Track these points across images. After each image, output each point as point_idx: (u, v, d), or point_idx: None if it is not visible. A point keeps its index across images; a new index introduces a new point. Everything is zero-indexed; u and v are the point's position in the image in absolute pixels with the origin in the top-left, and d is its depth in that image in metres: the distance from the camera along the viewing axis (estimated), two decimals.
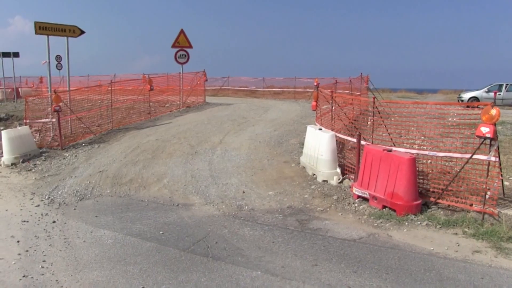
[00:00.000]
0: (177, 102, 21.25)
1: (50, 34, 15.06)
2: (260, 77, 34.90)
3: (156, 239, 6.47)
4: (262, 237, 6.50)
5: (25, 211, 8.02)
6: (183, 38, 21.25)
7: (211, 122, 15.65)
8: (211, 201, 8.24)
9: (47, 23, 14.98)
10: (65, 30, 15.55)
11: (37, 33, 14.72)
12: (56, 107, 13.01)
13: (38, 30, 14.72)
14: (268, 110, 19.84)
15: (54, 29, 15.20)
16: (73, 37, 15.85)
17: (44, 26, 14.85)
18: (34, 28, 14.65)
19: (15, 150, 12.06)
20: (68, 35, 15.59)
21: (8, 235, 6.79)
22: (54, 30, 15.20)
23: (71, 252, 6.08)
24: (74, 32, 15.88)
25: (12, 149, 12.01)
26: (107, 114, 16.20)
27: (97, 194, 8.98)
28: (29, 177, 10.63)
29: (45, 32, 14.91)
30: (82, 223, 7.27)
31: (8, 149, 12.02)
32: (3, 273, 5.46)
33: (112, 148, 12.46)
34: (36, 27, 14.67)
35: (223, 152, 11.18)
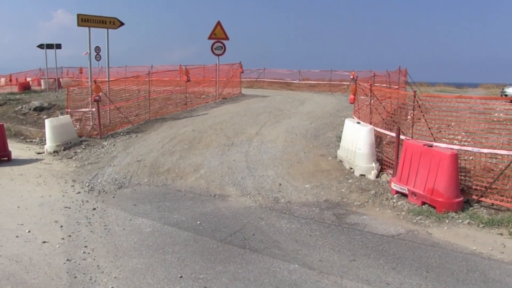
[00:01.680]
0: (213, 93, 21.33)
1: (91, 26, 15.38)
2: (296, 70, 34.71)
3: (193, 229, 6.53)
4: (299, 230, 6.47)
5: (67, 197, 8.24)
6: (219, 30, 21.30)
7: (247, 113, 15.65)
8: (247, 193, 8.25)
9: (89, 15, 15.28)
10: (105, 22, 15.83)
11: (79, 25, 15.04)
12: (96, 97, 13.27)
13: (80, 22, 15.05)
14: (304, 102, 19.71)
15: (95, 21, 15.51)
16: (113, 28, 16.13)
17: (86, 18, 15.17)
18: (76, 20, 15.01)
19: (57, 138, 12.40)
20: (108, 26, 15.88)
21: (52, 220, 6.99)
22: (95, 22, 15.51)
23: (111, 239, 6.20)
24: (114, 24, 16.15)
25: (54, 137, 12.35)
26: (145, 105, 16.42)
27: (135, 183, 9.12)
28: (70, 165, 10.90)
29: (87, 24, 15.23)
30: (121, 211, 7.41)
31: (50, 137, 12.36)
32: (49, 256, 5.65)
33: (149, 138, 12.63)
34: (79, 19, 15.00)
35: (260, 144, 11.18)
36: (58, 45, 32.22)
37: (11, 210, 7.55)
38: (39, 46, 32.04)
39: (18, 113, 19.51)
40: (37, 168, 10.70)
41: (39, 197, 8.35)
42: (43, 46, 31.73)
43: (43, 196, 8.37)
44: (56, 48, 31.96)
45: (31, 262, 5.48)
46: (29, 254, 5.72)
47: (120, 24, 16.35)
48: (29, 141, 14.91)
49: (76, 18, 15.06)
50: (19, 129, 16.57)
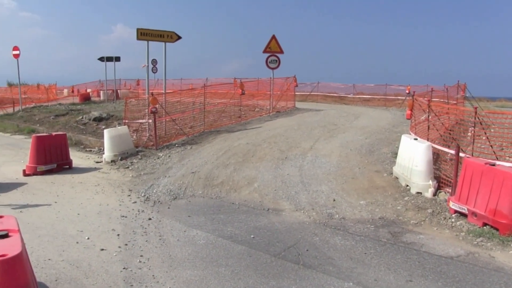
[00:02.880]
0: (267, 106, 21.42)
1: (149, 40, 15.80)
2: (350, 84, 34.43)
3: (247, 243, 6.53)
4: (353, 247, 6.35)
5: (124, 207, 8.44)
6: (274, 44, 21.43)
7: (301, 127, 15.61)
8: (301, 208, 8.19)
9: (148, 30, 15.70)
10: (163, 35, 16.22)
11: (138, 39, 15.48)
12: (153, 109, 13.59)
13: (139, 36, 15.49)
14: (359, 117, 19.47)
15: (153, 35, 15.93)
16: (170, 42, 16.51)
17: (145, 32, 15.59)
18: (136, 34, 15.43)
19: (114, 148, 12.76)
20: (165, 40, 16.26)
21: (110, 228, 7.18)
22: (153, 36, 15.92)
23: (165, 250, 6.28)
24: (172, 38, 16.52)
25: (112, 147, 12.73)
26: (199, 117, 16.67)
27: (190, 194, 9.24)
28: (127, 174, 11.18)
29: (146, 38, 15.66)
30: (175, 222, 7.51)
31: (109, 147, 12.75)
32: (107, 263, 5.80)
33: (204, 150, 12.79)
34: (138, 34, 15.44)
35: (314, 159, 11.10)
36: (117, 58, 33.40)
37: (72, 217, 7.82)
38: (99, 59, 33.31)
39: (79, 123, 20.26)
40: (95, 177, 11.04)
41: (97, 205, 8.61)
42: (103, 59, 32.97)
43: (101, 204, 8.62)
44: (115, 61, 33.14)
45: (90, 268, 5.64)
46: (88, 260, 5.89)
47: (177, 37, 16.71)
48: (88, 150, 15.41)
49: (136, 32, 15.50)
50: (80, 138, 17.16)
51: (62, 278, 5.35)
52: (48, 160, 11.54)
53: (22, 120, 24.37)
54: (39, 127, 21.62)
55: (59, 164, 11.79)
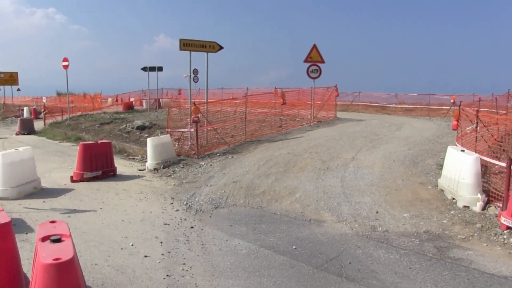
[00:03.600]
0: (308, 116, 21.37)
1: (192, 50, 16.04)
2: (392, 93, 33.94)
3: (289, 254, 6.50)
4: (397, 261, 6.22)
5: (166, 215, 8.56)
6: (315, 53, 21.40)
7: (342, 138, 15.49)
8: (343, 219, 8.10)
9: (190, 40, 15.96)
10: (205, 46, 16.46)
11: (181, 49, 15.74)
12: (195, 118, 13.78)
13: (182, 47, 15.75)
14: (401, 127, 19.16)
15: (196, 45, 16.17)
16: (212, 52, 16.73)
17: (187, 43, 15.85)
18: (179, 44, 15.70)
19: (157, 156, 12.98)
20: (208, 50, 16.50)
21: (153, 235, 7.29)
22: (196, 46, 16.17)
23: (208, 258, 6.33)
24: (214, 48, 16.74)
25: (155, 156, 12.95)
26: (241, 126, 16.79)
27: (231, 203, 9.29)
28: (169, 183, 11.34)
29: (188, 48, 15.91)
30: (217, 231, 7.55)
31: (151, 155, 12.98)
32: (151, 270, 5.89)
33: (245, 159, 12.85)
34: (181, 44, 15.70)
35: (356, 169, 10.98)
36: (160, 67, 34.04)
37: (117, 223, 7.99)
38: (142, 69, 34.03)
39: (122, 131, 20.71)
40: (139, 185, 11.25)
41: (141, 212, 8.76)
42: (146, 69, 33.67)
43: (144, 212, 8.77)
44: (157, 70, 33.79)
45: (134, 274, 5.74)
46: (133, 266, 6.00)
47: (219, 48, 16.92)
48: (131, 158, 15.72)
49: (179, 43, 15.78)
50: (123, 146, 17.54)
51: (108, 283, 5.47)
52: (94, 167, 11.84)
53: (69, 128, 25.13)
54: (85, 135, 22.23)
55: (104, 171, 12.07)
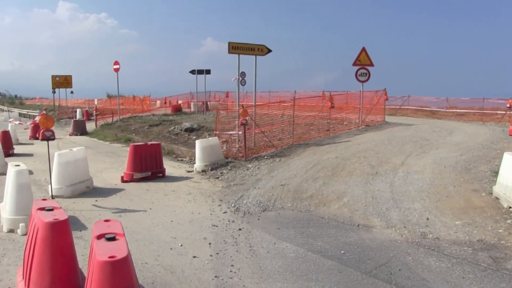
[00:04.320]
0: (356, 120, 21.13)
1: (240, 53, 16.17)
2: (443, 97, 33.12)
3: (337, 258, 6.44)
4: (449, 270, 6.05)
5: (214, 216, 8.65)
6: (364, 56, 21.13)
7: (391, 142, 15.22)
8: (392, 225, 7.95)
9: (239, 43, 16.08)
10: (254, 49, 16.54)
11: (230, 52, 15.89)
12: (243, 121, 13.87)
13: (231, 50, 15.89)
14: (453, 132, 18.66)
15: (244, 48, 16.29)
16: (261, 55, 16.79)
17: (236, 46, 15.98)
18: (227, 48, 15.84)
19: (205, 158, 13.15)
20: (256, 53, 16.57)
21: (201, 236, 7.38)
22: (244, 50, 16.28)
23: (256, 261, 6.35)
24: (262, 51, 16.81)
25: (203, 157, 13.12)
26: (288, 129, 16.78)
27: (279, 206, 9.28)
28: (217, 184, 11.46)
29: (237, 51, 16.04)
30: (265, 234, 7.57)
31: (200, 157, 13.16)
32: (199, 270, 5.96)
33: (292, 162, 12.83)
34: (230, 47, 15.85)
35: (405, 175, 10.76)
36: (208, 70, 34.50)
37: (166, 224, 8.14)
38: (191, 71, 34.58)
39: (171, 133, 21.09)
40: (187, 186, 11.42)
41: (189, 213, 8.89)
42: (194, 72, 34.18)
43: (193, 213, 8.89)
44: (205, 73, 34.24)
45: (183, 274, 5.83)
46: (182, 266, 6.09)
47: (267, 51, 16.98)
48: (180, 159, 15.98)
49: (228, 46, 15.93)
50: (172, 148, 17.86)
51: (158, 281, 5.57)
52: (144, 168, 12.10)
53: (119, 130, 25.82)
54: (134, 136, 22.77)
55: (153, 172, 12.33)
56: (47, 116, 9.72)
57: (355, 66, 20.99)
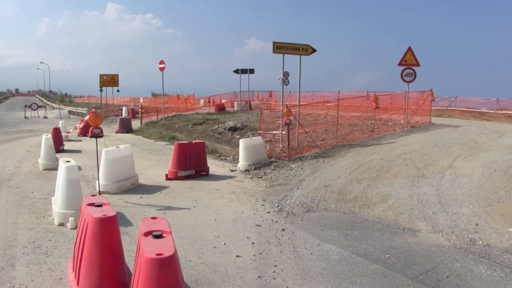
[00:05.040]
0: (401, 121, 20.73)
1: (285, 53, 16.12)
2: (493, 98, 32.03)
3: (382, 262, 6.32)
4: (502, 280, 5.83)
5: (258, 216, 8.66)
6: (410, 56, 20.67)
7: (438, 144, 14.83)
8: (439, 230, 7.74)
9: (284, 43, 16.04)
10: (298, 48, 16.47)
11: (274, 52, 15.86)
12: (287, 121, 13.84)
13: (275, 49, 15.86)
14: (503, 135, 17.99)
15: (289, 48, 16.24)
16: (305, 55, 16.70)
17: (281, 46, 15.95)
18: (272, 47, 15.82)
19: (249, 157, 13.20)
20: (300, 53, 16.49)
21: (245, 236, 7.40)
22: (289, 49, 16.23)
23: (299, 262, 6.31)
24: (307, 51, 16.71)
25: (247, 157, 13.17)
26: (332, 130, 16.63)
27: (322, 208, 9.21)
28: (260, 184, 11.48)
29: (281, 51, 16.00)
30: (309, 235, 7.52)
31: (243, 156, 13.21)
32: (242, 270, 5.97)
33: (336, 163, 12.70)
34: (274, 47, 15.82)
35: (452, 178, 10.47)
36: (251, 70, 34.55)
37: (209, 222, 8.21)
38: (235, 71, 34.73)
39: (214, 132, 21.27)
40: (230, 185, 11.49)
41: (232, 212, 8.94)
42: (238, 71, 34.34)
43: (236, 212, 8.94)
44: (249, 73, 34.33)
45: (227, 273, 5.85)
46: (225, 265, 6.13)
47: (312, 50, 16.87)
48: (223, 158, 16.10)
49: (272, 45, 15.91)
50: (215, 146, 18.01)
51: (201, 280, 5.62)
52: (188, 166, 12.26)
53: (164, 128, 26.24)
54: (178, 134, 23.10)
55: (197, 171, 12.46)
56: (96, 114, 9.96)
57: (401, 66, 20.55)
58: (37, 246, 6.76)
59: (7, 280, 5.53)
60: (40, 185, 11.41)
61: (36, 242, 6.96)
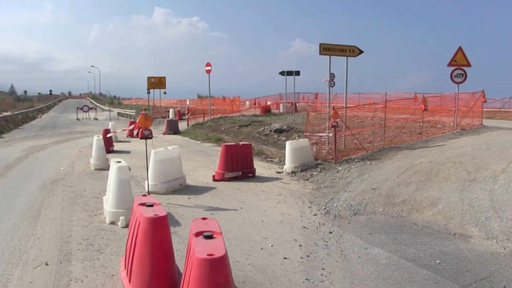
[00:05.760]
0: (451, 123, 20.19)
1: (332, 54, 16.04)
2: None
3: (432, 268, 6.18)
4: None
5: (305, 218, 8.64)
6: (460, 56, 20.10)
7: (490, 147, 14.36)
8: (493, 236, 7.50)
9: (330, 44, 15.95)
10: (345, 50, 16.35)
11: (321, 53, 15.80)
12: (334, 123, 13.74)
13: (322, 51, 15.80)
14: None
15: (336, 49, 16.14)
16: (352, 56, 16.55)
17: (327, 47, 15.87)
18: (319, 49, 15.77)
19: (295, 159, 13.19)
20: (347, 55, 16.36)
21: (292, 238, 7.40)
22: (335, 51, 16.14)
23: (347, 265, 6.26)
24: (354, 52, 16.56)
25: (293, 159, 13.17)
26: (379, 132, 16.39)
27: (370, 211, 9.10)
28: (307, 186, 11.44)
29: (328, 52, 15.93)
30: (356, 238, 7.44)
31: (290, 158, 13.22)
32: (290, 272, 5.97)
33: (384, 166, 12.51)
34: (321, 48, 15.76)
35: (507, 183, 10.10)
36: (297, 72, 34.59)
37: (256, 223, 8.25)
38: (280, 73, 34.83)
39: (260, 134, 21.35)
40: (277, 187, 11.51)
41: (279, 214, 8.95)
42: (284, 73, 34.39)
43: (283, 214, 8.95)
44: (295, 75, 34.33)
45: (274, 275, 5.87)
46: (272, 267, 6.14)
47: (359, 52, 16.70)
48: (269, 160, 16.14)
49: (319, 47, 15.85)
50: (261, 148, 18.07)
51: (249, 281, 5.66)
52: (235, 168, 12.36)
53: (210, 129, 26.55)
54: (224, 136, 23.31)
55: (243, 172, 12.55)
56: (146, 116, 10.20)
57: (451, 66, 20.02)
58: (90, 243, 7.00)
59: (65, 274, 5.79)
60: (92, 184, 11.79)
61: (89, 239, 7.21)
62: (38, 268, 5.99)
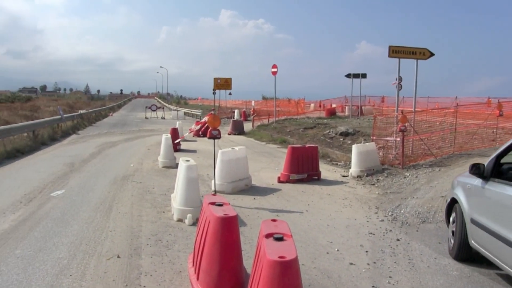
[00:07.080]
0: None
1: (401, 57, 15.70)
2: None
3: (510, 281, 5.92)
4: None
5: (371, 224, 8.52)
6: None
7: None
8: None
9: (400, 47, 15.63)
10: (415, 52, 15.94)
11: (390, 56, 15.50)
12: (402, 127, 13.45)
13: (391, 54, 15.50)
14: None
15: (405, 52, 15.78)
16: (422, 59, 16.10)
17: (397, 50, 15.56)
18: (388, 51, 15.48)
19: (361, 163, 13.02)
20: (417, 57, 15.95)
21: (358, 243, 7.31)
22: (405, 53, 15.78)
23: (415, 275, 6.10)
24: (424, 55, 16.11)
25: (359, 163, 13.01)
26: (449, 138, 15.86)
27: (439, 219, 8.81)
28: (373, 191, 11.27)
29: (397, 55, 15.61)
30: (425, 247, 7.25)
31: (356, 162, 13.06)
32: (356, 278, 5.90)
33: (454, 173, 12.04)
34: (390, 51, 15.47)
35: None
36: (364, 74, 34.11)
37: (322, 227, 8.21)
38: (346, 75, 34.45)
39: (326, 137, 21.22)
40: (342, 190, 11.41)
41: (345, 218, 8.87)
42: (350, 76, 33.99)
43: (349, 218, 8.86)
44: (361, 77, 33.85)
45: (340, 280, 5.82)
46: (338, 272, 6.09)
47: (430, 54, 16.22)
48: (334, 163, 16.01)
49: (388, 49, 15.55)
50: (326, 151, 17.95)
51: (315, 285, 5.65)
52: (300, 170, 12.35)
53: (275, 131, 26.65)
54: (289, 138, 23.34)
55: (309, 175, 12.52)
56: (215, 116, 10.42)
57: None
58: (159, 239, 7.24)
59: (135, 267, 6.03)
60: (160, 181, 12.16)
61: (158, 235, 7.46)
62: (111, 259, 6.29)
